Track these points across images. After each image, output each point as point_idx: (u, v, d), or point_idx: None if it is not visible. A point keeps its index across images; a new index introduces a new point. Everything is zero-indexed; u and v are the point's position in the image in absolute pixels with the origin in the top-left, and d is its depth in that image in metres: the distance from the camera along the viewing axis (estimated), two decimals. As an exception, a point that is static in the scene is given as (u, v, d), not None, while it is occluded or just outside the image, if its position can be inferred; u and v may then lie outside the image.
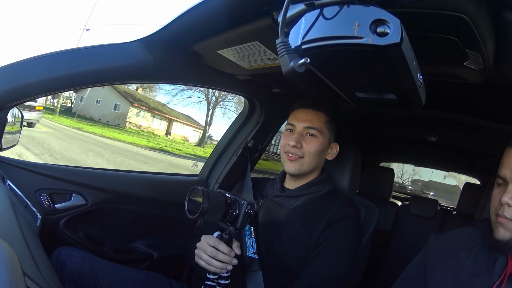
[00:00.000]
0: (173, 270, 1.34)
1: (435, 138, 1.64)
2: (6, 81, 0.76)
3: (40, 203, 0.94)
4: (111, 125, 11.91)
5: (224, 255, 0.82)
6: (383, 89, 0.65)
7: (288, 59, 0.48)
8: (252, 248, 0.93)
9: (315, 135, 0.98)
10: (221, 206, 0.79)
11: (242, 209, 0.82)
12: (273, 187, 1.05)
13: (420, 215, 1.95)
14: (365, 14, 0.44)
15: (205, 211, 0.74)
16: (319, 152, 0.98)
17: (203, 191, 0.75)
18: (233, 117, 1.51)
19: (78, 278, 0.86)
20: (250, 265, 0.91)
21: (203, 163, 1.51)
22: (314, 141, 0.98)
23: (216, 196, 0.79)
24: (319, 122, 0.98)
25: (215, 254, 0.82)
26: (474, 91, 0.97)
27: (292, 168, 0.97)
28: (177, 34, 0.84)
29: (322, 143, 0.99)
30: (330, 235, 0.90)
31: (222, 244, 0.83)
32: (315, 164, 1.00)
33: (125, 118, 12.36)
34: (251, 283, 0.89)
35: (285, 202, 0.99)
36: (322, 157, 1.01)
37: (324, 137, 0.99)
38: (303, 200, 0.98)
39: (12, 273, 0.35)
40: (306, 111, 1.00)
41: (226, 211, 0.80)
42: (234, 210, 0.81)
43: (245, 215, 0.82)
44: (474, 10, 0.53)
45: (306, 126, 0.98)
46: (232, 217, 0.81)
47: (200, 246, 0.85)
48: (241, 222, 0.82)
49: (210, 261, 0.82)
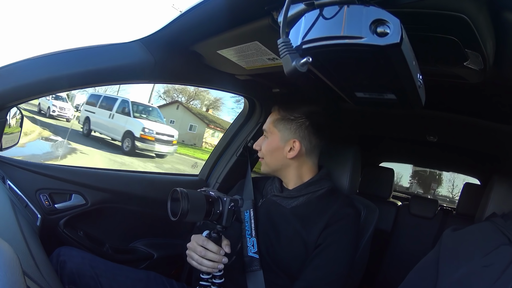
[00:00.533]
0: (173, 270, 1.34)
1: (435, 138, 1.63)
2: (6, 81, 0.76)
3: (40, 203, 0.94)
4: (188, 144, 12.86)
5: (214, 254, 0.82)
6: (383, 89, 0.65)
7: (290, 59, 0.48)
8: (253, 247, 0.93)
9: (266, 136, 1.02)
10: (202, 205, 0.77)
11: (225, 206, 0.81)
12: (272, 186, 1.05)
13: (420, 215, 1.94)
14: (365, 14, 0.44)
15: (186, 212, 0.74)
16: (271, 151, 1.00)
17: (182, 192, 0.75)
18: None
19: (78, 278, 0.87)
20: (251, 265, 0.91)
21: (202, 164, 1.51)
22: (265, 142, 1.02)
23: (196, 195, 0.78)
24: (267, 123, 1.02)
25: (204, 253, 0.82)
26: (474, 91, 0.96)
27: (261, 169, 1.05)
28: (177, 34, 0.84)
29: (271, 142, 1.00)
30: (330, 235, 0.89)
31: (211, 243, 0.82)
32: (274, 164, 1.01)
33: (202, 138, 13.71)
34: (251, 282, 0.89)
35: (284, 202, 0.98)
36: (279, 155, 0.99)
37: (273, 136, 1.00)
38: (302, 200, 0.97)
39: (12, 272, 0.35)
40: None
41: (209, 210, 0.79)
42: (217, 208, 0.80)
43: (229, 212, 0.81)
44: (474, 10, 0.53)
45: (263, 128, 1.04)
46: (216, 215, 0.80)
47: (190, 246, 0.85)
48: (226, 220, 0.81)
49: (200, 261, 0.82)
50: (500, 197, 1.16)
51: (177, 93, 15.73)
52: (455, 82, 0.83)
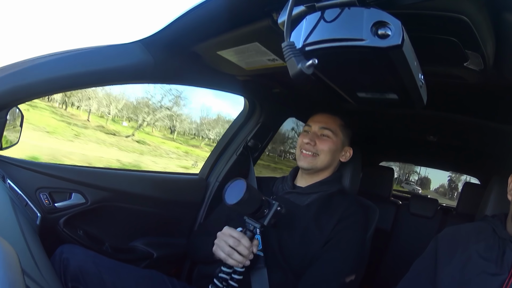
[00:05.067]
0: (173, 269, 1.34)
1: (435, 138, 1.64)
2: (7, 81, 0.76)
3: (40, 201, 0.94)
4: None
5: (245, 248, 0.84)
6: (385, 89, 0.65)
7: (296, 62, 0.48)
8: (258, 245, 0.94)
9: (329, 136, 1.04)
10: (258, 200, 0.84)
11: (273, 208, 0.85)
12: (283, 184, 1.08)
13: (420, 214, 1.95)
14: (366, 16, 0.44)
15: (245, 201, 0.80)
16: (332, 151, 1.03)
17: (248, 184, 0.81)
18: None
19: (82, 275, 0.86)
20: (255, 262, 0.92)
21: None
22: (327, 141, 1.04)
23: (256, 191, 0.85)
24: (334, 124, 1.06)
25: (238, 245, 0.84)
26: (474, 91, 0.97)
27: (305, 163, 1.03)
28: (177, 35, 0.83)
29: (335, 143, 1.04)
30: (341, 230, 0.93)
31: (245, 237, 0.85)
32: (328, 162, 1.04)
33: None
34: (256, 280, 0.90)
35: (297, 199, 1.01)
36: (335, 157, 1.06)
37: (337, 138, 1.05)
38: (314, 197, 1.00)
39: (12, 271, 0.35)
40: (322, 114, 1.08)
41: (259, 207, 0.84)
42: (265, 208, 0.85)
43: (274, 213, 0.85)
44: (474, 11, 0.53)
45: (321, 126, 1.05)
46: (261, 214, 0.85)
47: (221, 236, 0.87)
48: (269, 220, 0.85)
49: (231, 253, 0.84)
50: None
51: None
52: (455, 83, 0.83)
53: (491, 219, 0.85)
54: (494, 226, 0.81)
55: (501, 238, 0.78)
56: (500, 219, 0.83)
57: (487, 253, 0.76)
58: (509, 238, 0.77)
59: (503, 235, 0.78)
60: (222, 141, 1.45)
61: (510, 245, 0.76)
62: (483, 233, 0.81)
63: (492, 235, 0.80)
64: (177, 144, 10.70)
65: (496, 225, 0.81)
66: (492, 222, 0.83)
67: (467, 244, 0.80)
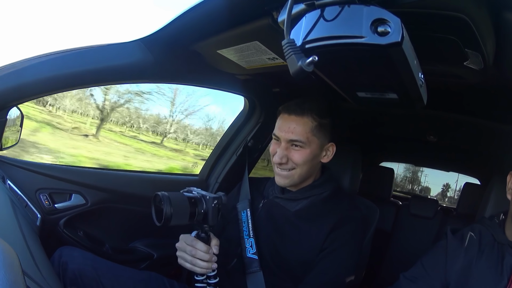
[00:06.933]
0: (174, 270, 1.33)
1: (435, 138, 1.64)
2: (7, 81, 0.76)
3: (40, 202, 0.94)
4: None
5: (204, 253, 0.79)
6: (385, 89, 0.65)
7: (296, 59, 0.48)
8: (251, 248, 0.91)
9: (302, 146, 0.90)
10: (185, 207, 0.75)
11: (209, 204, 0.78)
12: (273, 187, 1.01)
13: (420, 215, 1.94)
14: (366, 13, 0.45)
15: (170, 217, 0.72)
16: (308, 161, 0.91)
17: (163, 196, 0.73)
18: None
19: (81, 279, 0.86)
20: (250, 266, 0.90)
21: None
22: (300, 152, 0.90)
23: (179, 198, 0.76)
24: (304, 132, 0.90)
25: (195, 252, 0.79)
26: (474, 90, 0.96)
27: (282, 181, 0.93)
28: (177, 34, 0.83)
29: (311, 152, 0.91)
30: (336, 239, 0.88)
31: (200, 242, 0.80)
32: (307, 173, 0.94)
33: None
34: (251, 284, 0.88)
35: (287, 204, 0.96)
36: (314, 163, 0.94)
37: (312, 145, 0.91)
38: (306, 203, 0.95)
39: (12, 272, 0.35)
40: (289, 118, 0.91)
41: (193, 211, 0.77)
42: (201, 208, 0.78)
43: (214, 210, 0.78)
44: (474, 10, 0.53)
45: (289, 139, 0.90)
46: (201, 215, 0.78)
47: (179, 246, 0.82)
48: (212, 219, 0.79)
49: (194, 262, 0.79)
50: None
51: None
52: (455, 82, 0.83)
53: (489, 223, 0.83)
54: (492, 231, 0.80)
55: (499, 243, 0.77)
56: (498, 222, 0.82)
57: (487, 259, 0.75)
58: (508, 243, 0.75)
59: (502, 240, 0.77)
60: (222, 142, 1.45)
61: (509, 250, 0.74)
62: (483, 238, 0.80)
63: (491, 240, 0.79)
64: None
65: (494, 230, 0.80)
66: (490, 226, 0.82)
67: (469, 249, 0.79)
